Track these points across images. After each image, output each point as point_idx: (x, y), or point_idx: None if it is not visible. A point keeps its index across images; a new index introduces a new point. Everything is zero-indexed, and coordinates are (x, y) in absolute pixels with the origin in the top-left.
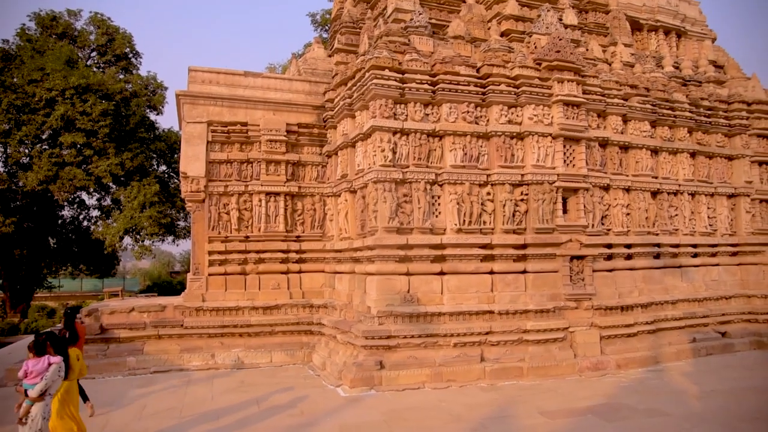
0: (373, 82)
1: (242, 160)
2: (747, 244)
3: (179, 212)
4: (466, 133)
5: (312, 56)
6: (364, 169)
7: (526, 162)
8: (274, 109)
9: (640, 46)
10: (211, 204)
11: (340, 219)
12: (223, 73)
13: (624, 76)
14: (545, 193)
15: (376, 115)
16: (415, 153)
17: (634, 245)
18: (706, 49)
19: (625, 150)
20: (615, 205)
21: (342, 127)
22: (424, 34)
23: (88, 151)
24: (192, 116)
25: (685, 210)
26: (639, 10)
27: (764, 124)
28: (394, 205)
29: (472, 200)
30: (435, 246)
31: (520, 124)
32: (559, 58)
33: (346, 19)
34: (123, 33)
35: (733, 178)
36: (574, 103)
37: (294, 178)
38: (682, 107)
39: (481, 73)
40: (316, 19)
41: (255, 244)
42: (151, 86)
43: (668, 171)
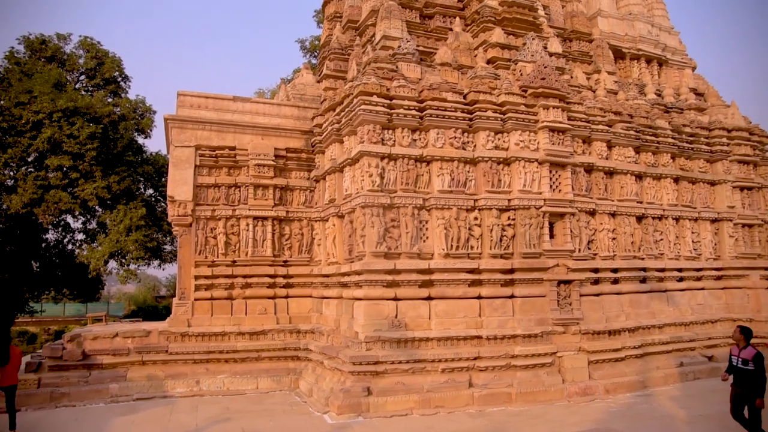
0: (361, 107)
1: (230, 185)
2: (731, 268)
3: (166, 236)
4: (454, 159)
5: (301, 82)
6: (352, 194)
7: (512, 187)
8: (263, 133)
9: (623, 74)
10: (198, 228)
11: (328, 244)
12: (212, 97)
13: (608, 102)
14: (532, 218)
15: (364, 140)
16: (402, 178)
17: (621, 269)
18: (687, 77)
19: (610, 175)
20: (601, 229)
21: (330, 152)
22: (411, 61)
23: (75, 174)
24: (180, 140)
25: (669, 234)
26: (621, 39)
27: (744, 151)
28: (382, 230)
29: (460, 225)
30: (423, 271)
31: (507, 150)
32: (545, 85)
33: (335, 46)
34: (112, 57)
35: (715, 203)
36: (560, 129)
37: (282, 202)
38: (664, 133)
39: (468, 100)
40: (305, 45)
41: (242, 268)
42: (139, 110)
43: (653, 196)
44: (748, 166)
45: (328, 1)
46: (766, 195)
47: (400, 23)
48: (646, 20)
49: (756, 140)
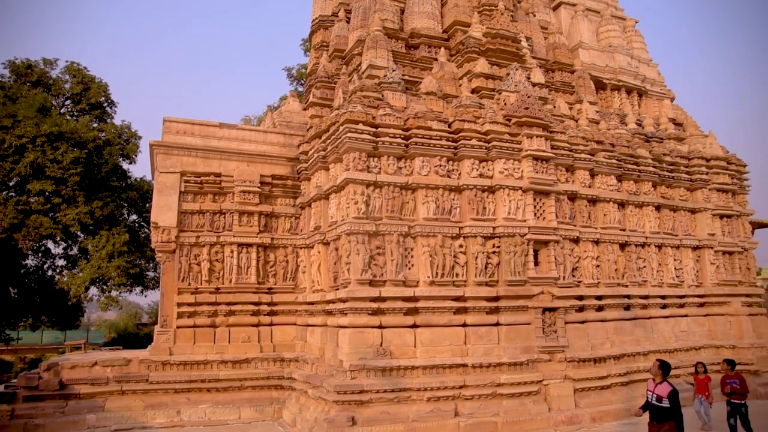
0: (347, 135)
1: (215, 211)
2: (713, 295)
3: (149, 262)
4: (439, 187)
5: (287, 109)
6: (338, 221)
7: (497, 215)
8: (249, 160)
9: (604, 104)
10: (181, 255)
11: (313, 271)
12: (198, 124)
13: (590, 132)
14: (517, 245)
15: (350, 167)
16: (388, 205)
17: (605, 297)
18: (666, 107)
19: (593, 203)
20: (585, 257)
21: (316, 179)
22: (397, 89)
23: (57, 199)
24: (165, 166)
25: (652, 262)
26: (602, 70)
27: (722, 179)
28: (367, 257)
29: (445, 252)
30: (408, 298)
31: (491, 178)
32: (528, 114)
33: (322, 74)
34: (99, 82)
35: (696, 230)
36: (543, 157)
37: (267, 229)
38: (645, 162)
39: (453, 128)
40: (292, 73)
41: (226, 295)
42: (124, 135)
43: (635, 224)
44: (727, 195)
45: (315, 31)
46: (745, 223)
47: (386, 53)
48: (625, 52)
49: (734, 169)
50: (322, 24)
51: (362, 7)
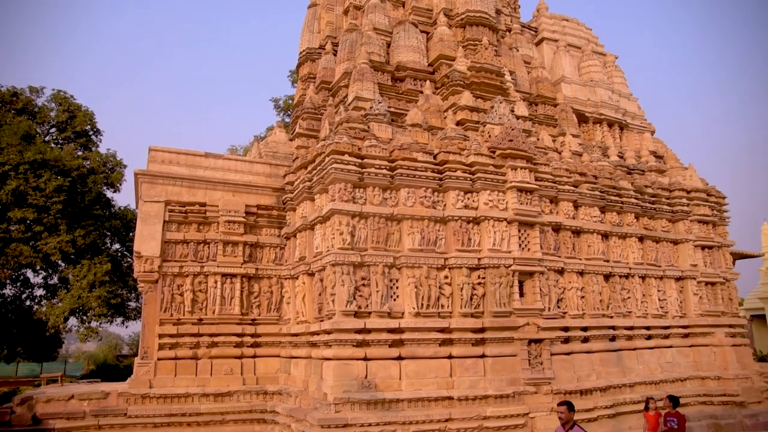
0: (333, 166)
1: (199, 241)
2: (697, 326)
3: (131, 292)
4: (424, 218)
5: (274, 140)
6: (323, 251)
7: (482, 246)
8: (234, 190)
9: (586, 137)
10: (164, 285)
11: (298, 302)
12: (184, 153)
13: (573, 164)
14: (502, 276)
15: (336, 198)
16: (373, 236)
17: (590, 328)
18: (647, 140)
19: (577, 234)
20: (570, 288)
21: (301, 209)
22: (383, 121)
23: (38, 227)
24: (150, 195)
25: (636, 293)
26: (584, 104)
27: (703, 211)
28: (352, 288)
29: (430, 284)
30: (393, 330)
31: (476, 209)
32: (512, 146)
33: (308, 106)
34: (85, 111)
35: (679, 261)
36: (528, 189)
37: (251, 259)
38: (628, 194)
39: (438, 160)
40: (279, 104)
41: (209, 327)
42: (109, 163)
43: (619, 255)
44: (708, 226)
45: (303, 63)
46: (726, 254)
47: (372, 85)
48: (606, 87)
49: (713, 201)
50: (310, 56)
51: (349, 40)
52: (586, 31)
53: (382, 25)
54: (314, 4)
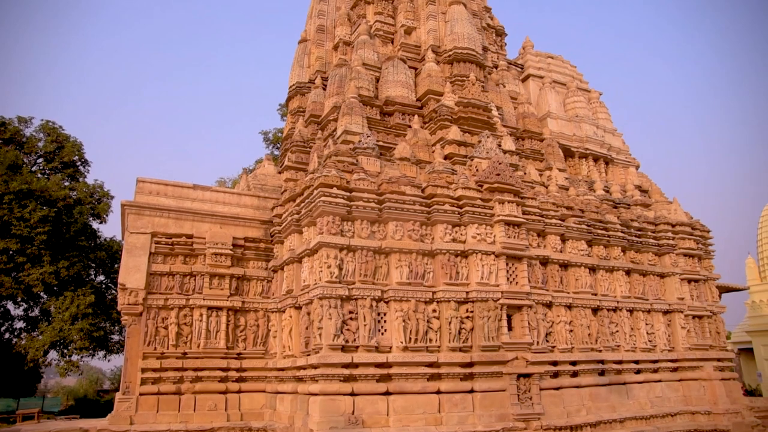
0: (321, 199)
1: (185, 273)
2: (685, 359)
3: (114, 325)
4: (412, 251)
5: (262, 172)
6: (310, 284)
7: (470, 279)
8: (222, 222)
9: (572, 171)
10: (148, 317)
11: (284, 336)
12: (172, 185)
13: (560, 198)
14: (490, 310)
15: (324, 231)
16: (361, 270)
17: (579, 362)
18: (632, 175)
19: (565, 268)
20: (558, 322)
21: (289, 242)
22: (371, 155)
23: (21, 258)
24: (136, 226)
25: (625, 326)
26: (570, 139)
27: (688, 244)
28: (340, 322)
29: (418, 318)
30: (381, 365)
31: (464, 243)
32: (500, 180)
33: (297, 139)
34: (73, 141)
35: (666, 294)
36: (515, 222)
37: (238, 292)
38: (614, 228)
39: (426, 193)
40: (269, 137)
41: (193, 361)
42: (96, 194)
43: (606, 288)
44: (694, 259)
45: (292, 96)
46: (712, 287)
47: (360, 119)
48: (591, 122)
49: (698, 234)
50: (299, 90)
51: (338, 75)
52: (571, 69)
53: (371, 61)
54: (304, 39)
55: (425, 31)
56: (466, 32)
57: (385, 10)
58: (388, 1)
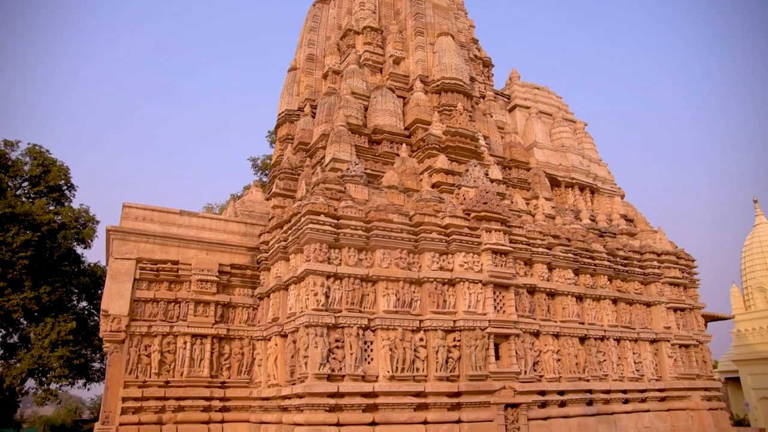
0: (308, 226)
1: (170, 300)
2: (672, 389)
3: (96, 352)
4: (399, 279)
5: (250, 199)
6: (296, 312)
7: (457, 308)
8: (208, 248)
9: (559, 200)
10: (131, 345)
11: (269, 364)
12: (158, 210)
13: (547, 227)
14: (477, 339)
15: (311, 258)
16: (348, 297)
17: (567, 392)
18: (617, 204)
19: (551, 297)
20: (546, 351)
21: (276, 269)
22: (359, 183)
23: (2, 282)
24: (121, 252)
25: (612, 355)
26: (556, 168)
27: (674, 273)
28: (326, 350)
29: (405, 346)
30: (367, 394)
31: (452, 271)
32: (487, 209)
33: (286, 166)
34: (60, 165)
35: (652, 323)
36: (502, 251)
37: (223, 319)
38: (600, 256)
39: (414, 222)
40: (257, 163)
41: (176, 390)
42: (82, 219)
43: (593, 317)
44: (679, 288)
45: (281, 124)
46: (697, 316)
47: (349, 147)
48: (577, 152)
49: (683, 263)
50: (288, 118)
51: (327, 103)
52: (557, 99)
53: (360, 90)
54: (294, 68)
55: (414, 61)
56: (453, 63)
57: (374, 40)
58: (377, 32)
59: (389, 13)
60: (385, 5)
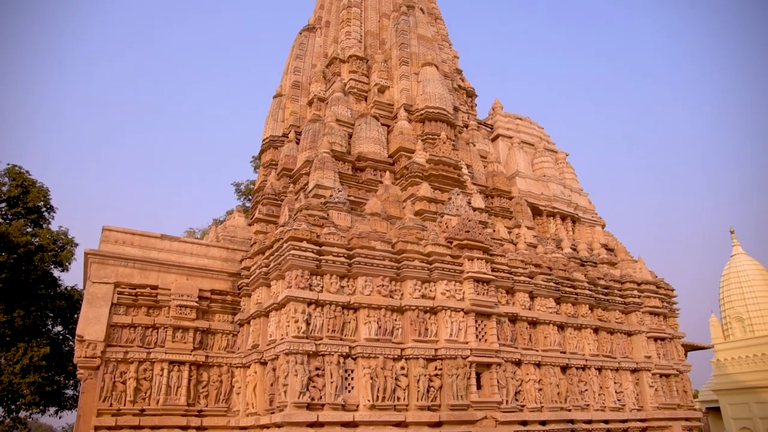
0: (290, 252)
1: (147, 325)
2: (654, 419)
3: (69, 379)
4: (381, 307)
5: (232, 224)
6: (277, 339)
7: (439, 336)
8: (188, 273)
9: (540, 229)
10: (106, 371)
11: (248, 392)
12: (139, 234)
13: (528, 255)
14: (459, 368)
15: (292, 285)
16: (329, 325)
17: (549, 422)
18: (598, 233)
19: (533, 325)
20: (527, 380)
21: (257, 295)
22: (342, 209)
23: None
24: (99, 276)
25: (594, 385)
26: (538, 197)
27: (654, 303)
28: (306, 378)
29: (386, 375)
30: (347, 424)
31: (434, 299)
32: (469, 237)
33: (269, 191)
34: (39, 186)
35: (633, 353)
36: (484, 279)
37: (202, 346)
38: (582, 286)
39: (396, 249)
40: (241, 188)
41: (151, 418)
42: (60, 241)
43: (575, 346)
44: (659, 318)
45: (266, 149)
46: (678, 345)
47: (332, 174)
48: (558, 182)
49: (663, 293)
50: (273, 143)
51: (312, 130)
52: (539, 130)
53: (344, 117)
54: (280, 94)
55: (398, 90)
56: (437, 92)
57: (359, 68)
58: (362, 61)
59: (375, 43)
60: (371, 35)
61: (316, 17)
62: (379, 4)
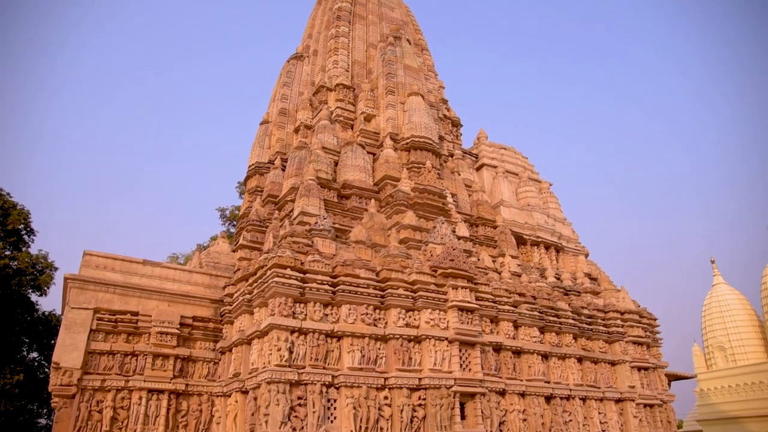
0: (274, 279)
1: (127, 352)
2: None
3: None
4: (365, 335)
5: (216, 250)
6: (259, 368)
7: (423, 365)
8: (170, 299)
9: (525, 258)
10: (82, 400)
11: (228, 422)
12: (120, 259)
13: (513, 284)
14: (443, 397)
15: (275, 312)
16: (312, 353)
17: None
18: (581, 263)
19: (518, 355)
20: (512, 410)
21: (239, 322)
22: (327, 237)
23: None
24: (78, 301)
25: (578, 415)
26: (522, 227)
27: (637, 332)
28: (287, 408)
29: (369, 405)
30: None
31: (418, 328)
32: (454, 266)
33: (254, 218)
34: (20, 209)
35: (617, 382)
36: (468, 308)
37: (182, 374)
38: (566, 315)
39: (381, 277)
40: (226, 213)
41: None
42: (39, 265)
43: (559, 375)
44: (643, 347)
45: (251, 176)
46: (661, 375)
47: (318, 201)
48: (542, 211)
49: (646, 322)
50: (258, 170)
51: (298, 157)
52: (523, 160)
53: (330, 145)
54: (266, 121)
55: (384, 119)
56: (423, 122)
57: (346, 97)
58: (349, 89)
59: (362, 72)
60: (358, 64)
61: (304, 46)
62: (366, 34)
